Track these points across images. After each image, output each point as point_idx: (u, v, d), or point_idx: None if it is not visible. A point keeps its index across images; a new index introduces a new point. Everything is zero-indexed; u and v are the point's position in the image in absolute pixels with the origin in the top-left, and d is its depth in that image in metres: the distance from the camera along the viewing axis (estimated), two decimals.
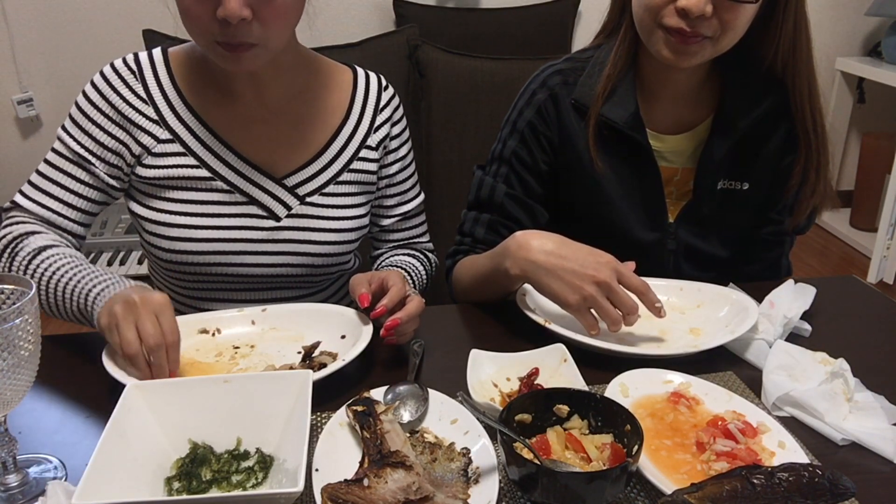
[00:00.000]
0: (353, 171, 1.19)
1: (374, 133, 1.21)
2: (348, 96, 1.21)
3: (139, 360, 0.87)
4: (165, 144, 1.11)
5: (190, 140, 1.12)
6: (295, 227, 1.15)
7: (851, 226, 3.59)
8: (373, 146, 1.21)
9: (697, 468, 0.79)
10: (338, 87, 1.21)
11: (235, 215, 1.13)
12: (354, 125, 1.20)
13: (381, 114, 1.23)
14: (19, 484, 0.78)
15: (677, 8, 1.04)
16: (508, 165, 1.26)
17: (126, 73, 1.11)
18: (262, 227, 1.14)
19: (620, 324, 1.00)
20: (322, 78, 1.20)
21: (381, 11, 3.15)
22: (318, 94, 1.18)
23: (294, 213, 1.15)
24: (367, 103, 1.22)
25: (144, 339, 0.87)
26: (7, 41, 2.93)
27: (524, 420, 0.80)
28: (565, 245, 1.03)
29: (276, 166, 1.15)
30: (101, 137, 1.10)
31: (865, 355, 1.01)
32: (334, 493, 0.70)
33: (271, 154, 1.14)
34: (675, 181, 1.25)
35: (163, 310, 0.90)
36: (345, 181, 1.19)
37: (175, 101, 1.12)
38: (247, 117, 1.14)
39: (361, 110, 1.21)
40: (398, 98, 1.27)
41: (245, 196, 1.13)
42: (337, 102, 1.20)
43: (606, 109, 1.18)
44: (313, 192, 1.16)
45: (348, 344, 0.99)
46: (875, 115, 3.64)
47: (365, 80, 1.24)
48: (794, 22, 1.12)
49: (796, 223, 1.25)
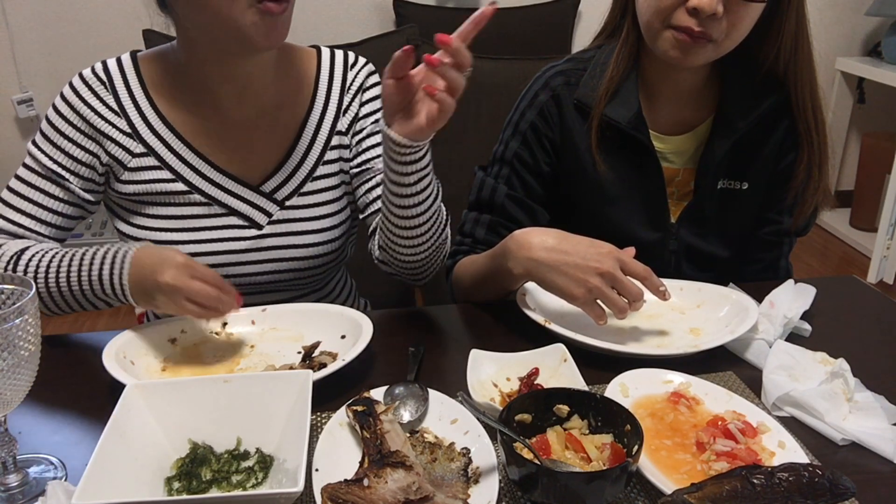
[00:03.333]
0: (327, 162, 1.16)
1: (342, 116, 1.17)
2: (311, 83, 1.16)
3: (217, 312, 0.95)
4: (140, 158, 1.09)
5: (164, 153, 1.09)
6: (278, 233, 1.13)
7: (851, 226, 3.59)
8: (343, 131, 1.17)
9: (697, 468, 0.79)
10: (302, 77, 1.16)
11: (216, 227, 1.11)
12: (320, 114, 1.15)
13: (348, 93, 1.17)
14: (19, 484, 0.78)
15: (688, 7, 1.05)
16: (510, 167, 1.26)
17: (96, 85, 1.08)
18: (244, 237, 1.12)
19: (627, 311, 1.00)
20: (293, 73, 1.15)
21: (381, 11, 3.15)
22: (290, 91, 1.14)
23: (275, 219, 1.13)
24: (333, 86, 1.17)
25: (205, 304, 0.93)
26: (7, 41, 2.93)
27: (524, 420, 0.80)
28: (565, 239, 1.03)
29: (251, 173, 1.12)
30: (74, 151, 1.08)
31: (865, 355, 1.01)
32: (334, 493, 0.70)
33: (245, 161, 1.12)
34: (676, 181, 1.25)
35: (192, 268, 0.94)
36: (321, 175, 1.16)
37: (148, 112, 1.09)
38: (220, 124, 1.11)
39: (326, 96, 1.16)
40: (369, 66, 1.20)
41: (224, 207, 1.11)
42: (302, 93, 1.15)
43: (609, 110, 1.18)
44: (291, 194, 1.14)
45: (348, 344, 0.99)
46: (875, 115, 3.64)
47: (330, 61, 1.18)
48: (795, 21, 1.12)
49: (797, 223, 1.25)
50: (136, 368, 0.94)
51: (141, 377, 0.92)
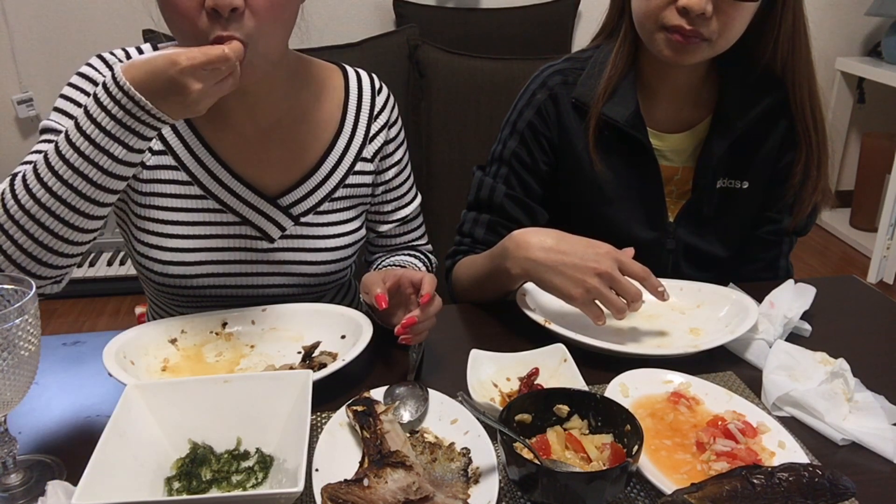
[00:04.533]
0: (348, 185, 1.15)
1: (369, 144, 1.17)
2: (340, 105, 1.15)
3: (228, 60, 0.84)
4: (158, 157, 1.06)
5: (183, 153, 1.06)
6: (290, 248, 1.12)
7: (851, 226, 3.59)
8: (368, 158, 1.17)
9: (697, 468, 0.79)
10: (329, 97, 1.15)
11: (228, 236, 1.09)
12: (348, 138, 1.15)
13: (376, 122, 1.17)
14: (19, 484, 0.78)
15: (678, 7, 1.05)
16: (508, 166, 1.26)
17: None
18: (255, 248, 1.10)
19: (626, 312, 1.00)
20: (313, 87, 1.13)
21: (381, 11, 3.15)
22: (310, 106, 1.13)
23: (288, 233, 1.11)
24: (361, 111, 1.16)
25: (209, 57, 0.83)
26: (7, 41, 2.93)
27: (524, 420, 0.80)
28: (563, 239, 1.03)
29: (268, 185, 1.10)
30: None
31: (865, 355, 1.01)
32: (334, 493, 0.70)
33: (263, 173, 1.10)
34: (675, 180, 1.25)
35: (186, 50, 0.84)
36: (340, 197, 1.15)
37: None
38: (238, 134, 1.08)
39: (355, 121, 1.15)
40: (392, 97, 1.21)
41: (237, 216, 1.09)
42: (329, 114, 1.14)
43: (607, 109, 1.18)
44: (307, 211, 1.12)
45: (348, 344, 0.99)
46: (875, 115, 3.64)
47: (357, 85, 1.17)
48: (792, 20, 1.12)
49: (797, 222, 1.25)
50: (136, 368, 0.94)
51: (141, 377, 0.92)
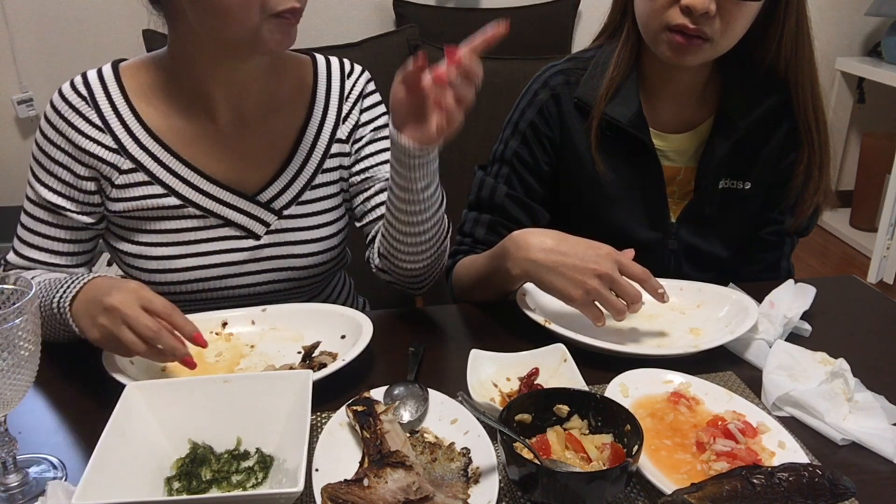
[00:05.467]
0: (326, 170, 1.15)
1: (342, 124, 1.15)
2: (309, 91, 1.14)
3: (154, 353, 0.87)
4: (128, 175, 1.06)
5: (154, 167, 1.06)
6: (276, 242, 1.12)
7: (851, 226, 3.59)
8: (343, 139, 1.16)
9: (697, 468, 0.79)
10: (297, 84, 1.14)
11: (213, 239, 1.09)
12: (319, 122, 1.14)
13: (347, 101, 1.16)
14: (19, 484, 0.78)
15: (681, 6, 1.05)
16: (510, 166, 1.26)
17: (77, 102, 1.04)
18: (241, 248, 1.10)
19: (626, 313, 1.00)
20: (281, 76, 1.13)
21: (381, 11, 3.15)
22: (280, 95, 1.12)
23: (273, 228, 1.11)
24: (331, 95, 1.15)
25: (143, 336, 0.85)
26: (7, 41, 2.93)
27: (524, 420, 0.80)
28: (564, 240, 1.03)
29: (246, 183, 1.10)
30: (66, 176, 1.05)
31: (865, 355, 1.01)
32: (334, 493, 0.70)
33: (240, 171, 1.10)
34: (677, 181, 1.25)
35: (142, 295, 0.87)
36: (320, 183, 1.14)
37: (133, 126, 1.06)
38: (210, 133, 1.08)
39: (325, 104, 1.14)
40: (366, 74, 1.20)
41: (220, 219, 1.09)
42: (297, 101, 1.13)
43: (610, 109, 1.18)
44: (289, 203, 1.12)
45: (348, 344, 0.99)
46: (875, 115, 3.64)
47: (326, 70, 1.16)
48: (795, 20, 1.12)
49: (798, 223, 1.25)
50: (136, 368, 0.94)
51: (141, 377, 0.92)
